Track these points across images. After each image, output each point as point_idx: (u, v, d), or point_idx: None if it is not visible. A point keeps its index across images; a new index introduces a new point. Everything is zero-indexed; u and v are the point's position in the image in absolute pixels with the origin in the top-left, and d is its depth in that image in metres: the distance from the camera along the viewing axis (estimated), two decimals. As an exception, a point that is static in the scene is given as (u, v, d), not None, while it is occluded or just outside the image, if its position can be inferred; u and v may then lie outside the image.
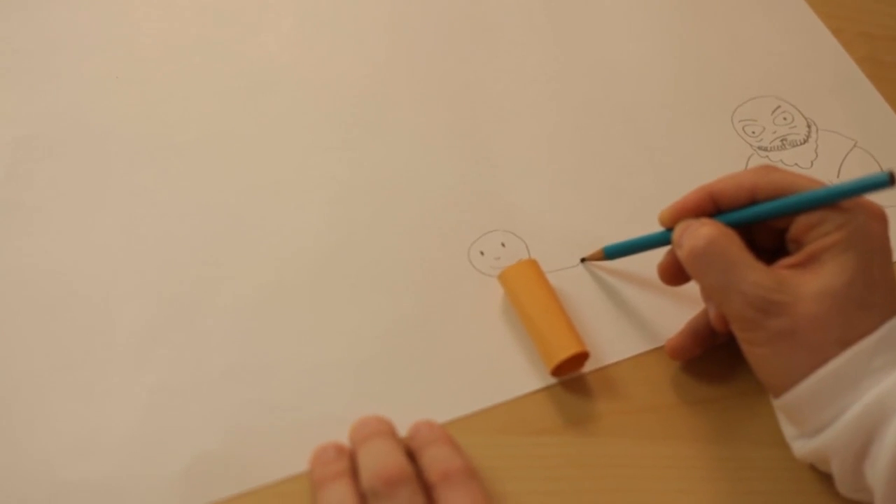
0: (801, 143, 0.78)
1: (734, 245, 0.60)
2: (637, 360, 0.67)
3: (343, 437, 0.61)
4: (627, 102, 0.79)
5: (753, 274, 0.59)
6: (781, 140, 0.78)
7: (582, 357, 0.65)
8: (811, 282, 0.59)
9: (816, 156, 0.78)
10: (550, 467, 0.63)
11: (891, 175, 0.57)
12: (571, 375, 0.66)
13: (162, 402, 0.62)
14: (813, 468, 0.64)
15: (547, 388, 0.66)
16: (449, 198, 0.72)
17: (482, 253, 0.70)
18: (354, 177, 0.72)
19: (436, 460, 0.58)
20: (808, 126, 0.79)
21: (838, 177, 0.76)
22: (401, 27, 0.81)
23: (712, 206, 0.63)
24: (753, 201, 0.62)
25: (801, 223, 0.61)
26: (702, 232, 0.61)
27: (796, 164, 0.77)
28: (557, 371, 0.65)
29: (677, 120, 0.79)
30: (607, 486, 0.63)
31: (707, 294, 0.63)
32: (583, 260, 0.70)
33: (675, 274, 0.65)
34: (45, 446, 0.60)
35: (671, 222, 0.64)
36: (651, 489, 0.63)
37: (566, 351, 0.64)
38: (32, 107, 0.72)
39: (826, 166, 0.77)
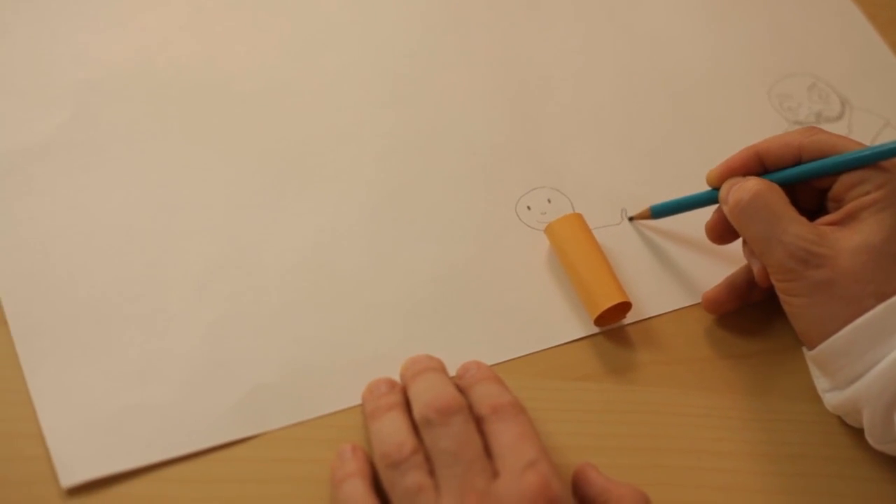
0: (835, 119, 0.81)
1: (779, 198, 0.63)
2: (676, 314, 0.70)
3: (395, 375, 0.63)
4: (669, 74, 0.82)
5: (796, 226, 0.61)
6: (816, 115, 0.81)
7: (624, 307, 0.67)
8: (850, 237, 0.61)
9: (850, 132, 0.80)
10: (590, 411, 0.65)
11: None
12: (613, 326, 0.68)
13: (221, 335, 0.64)
14: (842, 422, 0.66)
15: (589, 337, 0.68)
16: (498, 154, 0.75)
17: (529, 208, 0.72)
18: (407, 131, 0.75)
19: (486, 395, 0.60)
20: (842, 104, 0.82)
21: (871, 152, 0.78)
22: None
23: (759, 166, 0.66)
24: (798, 161, 0.64)
25: (842, 182, 0.63)
26: (747, 185, 0.63)
27: (830, 138, 0.79)
28: (600, 320, 0.67)
29: (716, 92, 0.81)
30: (643, 432, 0.65)
31: (750, 245, 0.65)
32: (631, 218, 0.72)
33: (722, 232, 0.67)
34: (110, 371, 0.62)
35: (719, 181, 0.66)
36: (685, 436, 0.65)
37: (610, 300, 0.66)
38: (99, 52, 0.74)
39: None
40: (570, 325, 0.68)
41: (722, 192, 0.66)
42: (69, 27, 0.76)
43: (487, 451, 0.57)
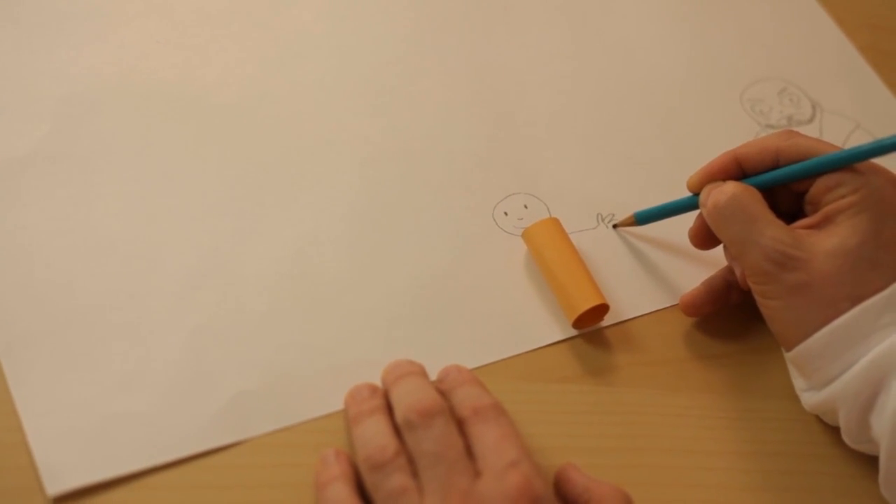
0: (806, 123, 0.82)
1: (756, 201, 0.63)
2: (654, 315, 0.71)
3: (376, 381, 0.63)
4: (642, 80, 0.83)
5: (772, 229, 0.62)
6: (788, 119, 0.82)
7: (602, 310, 0.68)
8: (826, 240, 0.62)
9: (821, 135, 0.81)
10: (570, 413, 0.66)
11: None
12: (591, 328, 0.69)
13: (203, 343, 0.65)
14: (820, 420, 0.67)
15: (568, 340, 0.69)
16: (475, 162, 0.75)
17: (506, 213, 0.73)
18: (385, 140, 0.75)
19: (466, 398, 0.60)
20: (813, 107, 0.83)
21: (842, 154, 0.80)
22: (428, 3, 0.84)
23: (738, 170, 0.66)
24: (776, 164, 0.65)
25: (818, 186, 0.64)
26: (725, 188, 0.64)
27: (802, 141, 0.80)
28: (578, 323, 0.68)
29: (689, 97, 0.82)
30: (623, 432, 0.66)
31: (727, 247, 0.66)
32: (615, 226, 0.73)
33: (704, 237, 0.68)
34: (94, 380, 0.62)
35: (699, 187, 0.67)
36: (664, 436, 0.66)
37: (588, 302, 0.67)
38: (77, 67, 0.75)
39: (830, 145, 0.80)
40: (549, 328, 0.69)
41: (702, 197, 0.66)
42: (48, 42, 0.76)
43: (469, 452, 0.57)
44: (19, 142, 0.71)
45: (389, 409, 0.61)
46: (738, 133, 0.80)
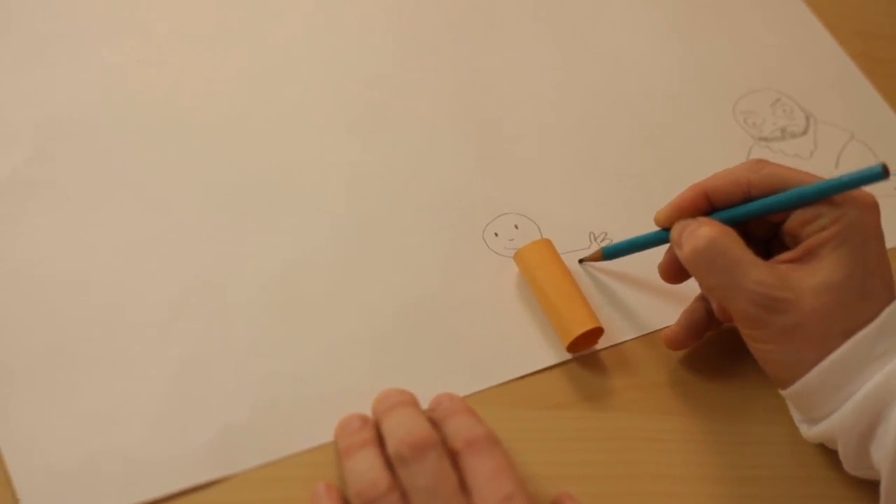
0: (800, 135, 0.81)
1: (735, 244, 0.61)
2: (648, 338, 0.70)
3: (366, 410, 0.62)
4: (632, 94, 0.81)
5: (756, 272, 0.60)
6: (781, 131, 0.81)
7: (596, 333, 0.67)
8: (811, 277, 0.60)
9: (815, 146, 0.80)
10: (564, 439, 0.65)
11: (884, 167, 0.58)
12: (585, 352, 0.68)
13: (188, 375, 0.63)
14: (821, 445, 0.66)
15: (562, 364, 0.67)
16: (463, 181, 0.74)
17: (496, 234, 0.72)
18: (371, 161, 0.74)
19: (460, 429, 0.59)
20: (807, 118, 0.82)
21: (837, 166, 0.79)
22: (411, 19, 0.83)
23: (707, 204, 0.64)
24: (748, 196, 0.63)
25: (796, 218, 0.62)
26: (701, 232, 0.62)
27: (796, 154, 0.79)
28: (573, 346, 0.66)
29: (680, 111, 0.81)
30: (620, 458, 0.65)
31: (710, 293, 0.64)
32: (581, 261, 0.71)
33: (675, 272, 0.67)
34: (75, 416, 0.61)
35: (668, 222, 0.65)
36: (661, 461, 0.65)
37: (582, 326, 0.66)
38: (55, 89, 0.74)
39: (825, 156, 0.80)
40: (543, 352, 0.67)
41: (674, 234, 0.64)
42: (23, 65, 0.75)
43: (463, 485, 0.56)
44: (-3, 167, 0.69)
45: (381, 440, 0.60)
46: (731, 146, 0.79)
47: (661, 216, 0.66)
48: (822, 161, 0.79)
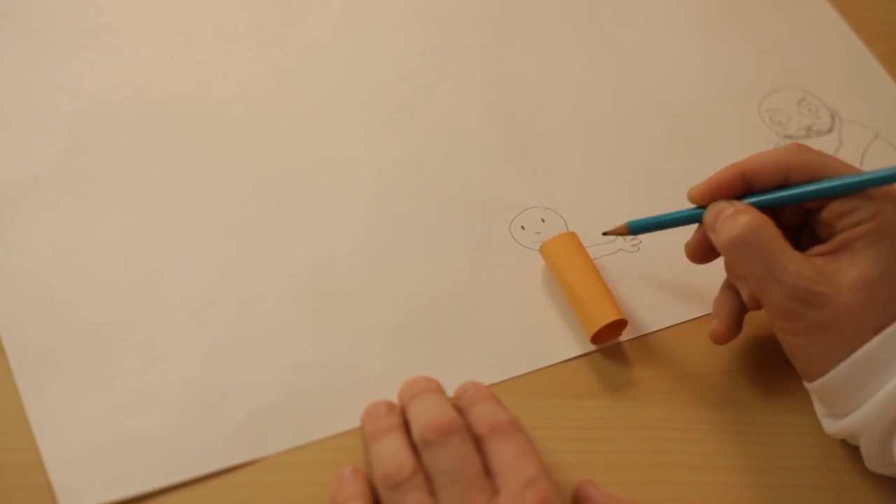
0: (825, 133, 0.81)
1: (774, 234, 0.61)
2: (673, 329, 0.70)
3: (393, 397, 0.63)
4: (658, 92, 0.82)
5: (795, 265, 0.60)
6: (807, 129, 0.81)
7: (620, 325, 0.67)
8: (848, 271, 0.60)
9: (840, 144, 0.81)
10: (589, 428, 0.65)
11: None
12: (610, 343, 0.68)
13: (219, 361, 0.64)
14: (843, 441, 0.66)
15: (586, 355, 0.68)
16: (491, 176, 0.75)
17: (523, 227, 0.73)
18: (400, 155, 0.75)
19: (484, 415, 0.60)
20: (832, 117, 0.82)
21: (861, 164, 0.79)
22: (442, 17, 0.84)
23: (744, 185, 0.64)
24: (786, 181, 0.63)
25: (833, 209, 0.62)
26: (740, 220, 0.61)
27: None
28: (597, 338, 0.67)
29: (707, 109, 0.82)
30: (643, 448, 0.65)
31: (744, 283, 0.64)
32: (604, 233, 0.71)
33: (704, 252, 0.66)
34: (107, 399, 0.62)
35: (702, 199, 0.64)
36: (685, 451, 0.65)
37: (606, 318, 0.66)
38: (92, 82, 0.75)
39: (849, 155, 0.80)
40: (567, 343, 0.68)
41: (708, 218, 0.64)
42: (61, 58, 0.76)
43: (487, 470, 0.57)
44: (33, 159, 0.71)
45: (407, 426, 0.60)
46: (756, 144, 0.79)
47: (696, 193, 0.65)
48: (846, 159, 0.76)
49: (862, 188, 0.61)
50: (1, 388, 0.61)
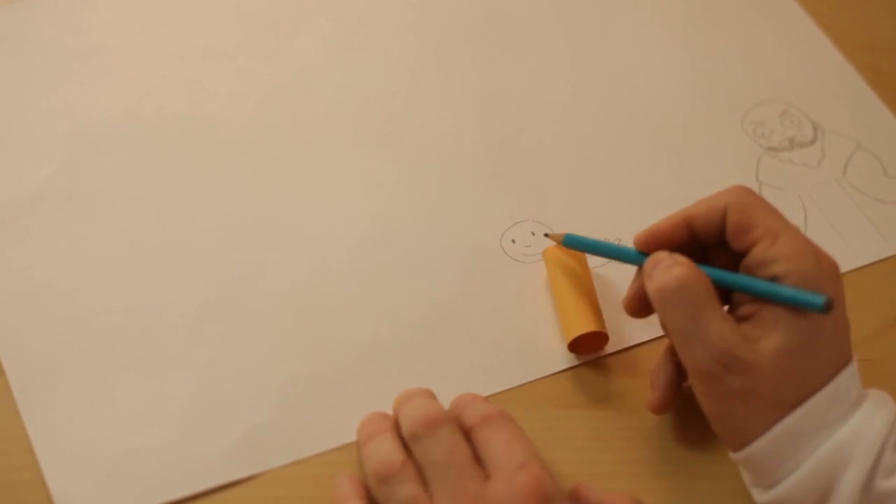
0: (808, 144, 0.82)
1: (704, 290, 0.59)
2: (660, 342, 0.70)
3: (388, 410, 0.64)
4: (644, 106, 0.83)
5: (719, 324, 0.58)
6: (790, 141, 0.82)
7: (601, 337, 0.68)
8: (768, 339, 0.58)
9: (823, 156, 0.82)
10: (581, 438, 0.66)
11: (827, 303, 0.57)
12: (597, 355, 0.69)
13: (215, 377, 0.65)
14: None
15: (577, 367, 0.69)
16: (481, 190, 0.76)
17: (513, 241, 0.74)
18: (391, 171, 0.76)
19: (473, 410, 0.61)
20: (815, 129, 0.83)
21: (844, 174, 0.80)
22: (431, 33, 0.84)
23: (687, 231, 0.63)
24: (723, 220, 0.61)
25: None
26: (675, 271, 0.60)
27: (804, 163, 0.81)
28: (577, 348, 0.68)
29: (691, 122, 0.83)
30: (631, 457, 0.66)
31: (670, 335, 0.62)
32: (546, 235, 0.72)
33: (640, 306, 0.65)
34: (107, 417, 0.63)
35: (645, 246, 0.64)
36: (677, 459, 0.66)
37: (582, 328, 0.67)
38: (84, 103, 0.76)
39: (832, 165, 0.81)
40: (560, 355, 0.69)
41: (647, 266, 0.62)
42: (53, 80, 0.77)
43: (477, 459, 0.58)
44: (28, 179, 0.72)
45: (399, 430, 0.61)
46: (741, 156, 0.80)
47: (640, 239, 0.64)
48: (829, 169, 0.80)
49: (788, 302, 0.59)
50: (1, 407, 0.62)
